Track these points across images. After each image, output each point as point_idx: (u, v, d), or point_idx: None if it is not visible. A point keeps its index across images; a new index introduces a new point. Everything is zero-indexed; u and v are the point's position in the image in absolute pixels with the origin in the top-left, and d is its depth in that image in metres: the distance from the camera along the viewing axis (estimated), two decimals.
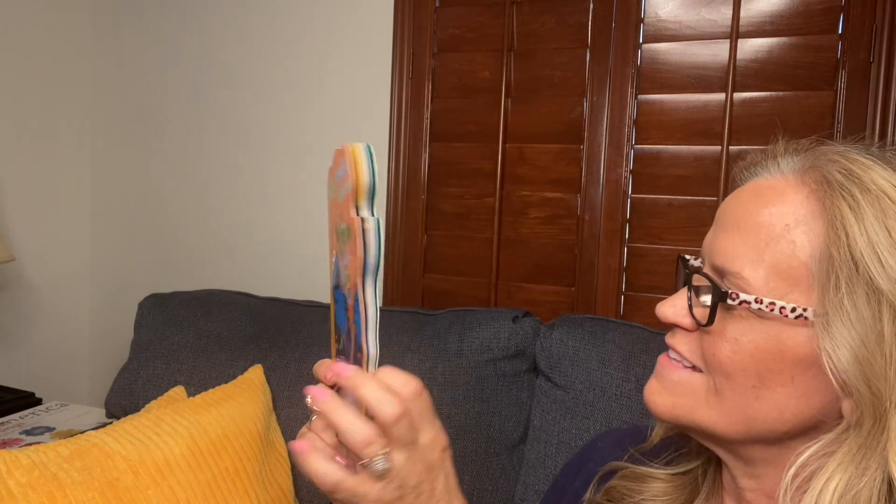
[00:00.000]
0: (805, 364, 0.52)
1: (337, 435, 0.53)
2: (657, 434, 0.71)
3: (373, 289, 0.53)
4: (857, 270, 0.48)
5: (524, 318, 1.35)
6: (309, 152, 1.85)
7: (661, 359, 0.61)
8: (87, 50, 2.08)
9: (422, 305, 1.74)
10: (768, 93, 1.44)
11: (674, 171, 1.52)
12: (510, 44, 1.64)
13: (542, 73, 1.62)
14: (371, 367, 0.54)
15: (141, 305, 1.62)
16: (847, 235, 0.48)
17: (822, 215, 0.51)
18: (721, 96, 1.47)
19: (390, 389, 0.52)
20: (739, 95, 1.46)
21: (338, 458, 0.54)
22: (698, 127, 1.49)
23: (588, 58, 1.57)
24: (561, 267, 1.62)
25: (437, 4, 1.70)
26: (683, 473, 0.67)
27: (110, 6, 2.06)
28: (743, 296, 0.53)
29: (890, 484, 0.48)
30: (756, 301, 0.52)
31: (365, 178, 0.53)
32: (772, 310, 0.52)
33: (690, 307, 0.57)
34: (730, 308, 0.54)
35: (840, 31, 1.39)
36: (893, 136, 1.36)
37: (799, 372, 0.52)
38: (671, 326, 0.60)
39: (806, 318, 0.51)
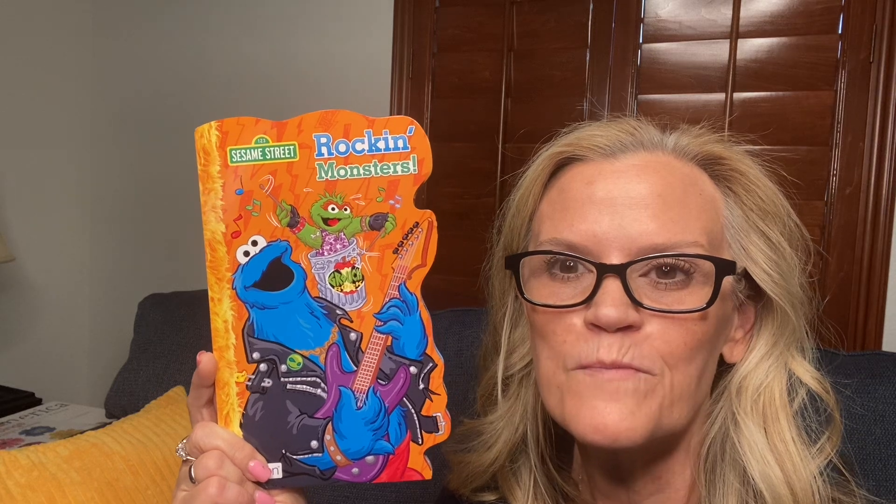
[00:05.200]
0: (730, 313, 0.56)
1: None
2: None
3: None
4: (761, 210, 0.56)
5: None
6: None
7: (603, 375, 0.51)
8: (87, 50, 2.07)
9: None
10: (768, 93, 1.44)
11: None
12: (510, 44, 1.64)
13: (542, 73, 1.61)
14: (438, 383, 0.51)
15: (141, 305, 1.62)
16: (744, 187, 0.56)
17: (711, 182, 0.57)
18: (721, 96, 1.47)
19: None
20: (739, 95, 1.46)
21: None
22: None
23: (588, 58, 1.57)
24: None
25: (437, 4, 1.69)
26: None
27: (110, 6, 2.06)
28: (740, 263, 0.54)
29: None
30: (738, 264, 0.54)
31: (432, 161, 0.50)
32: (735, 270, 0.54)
33: (636, 301, 0.51)
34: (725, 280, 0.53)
35: (840, 31, 1.38)
36: (893, 135, 1.35)
37: (726, 325, 0.56)
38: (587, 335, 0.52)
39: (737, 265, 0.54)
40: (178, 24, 1.97)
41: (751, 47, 1.45)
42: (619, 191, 0.53)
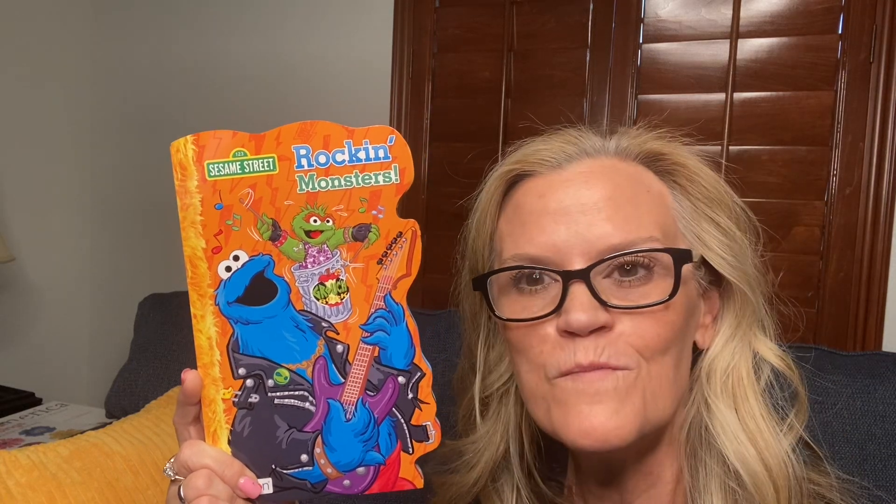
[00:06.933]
0: (695, 300, 0.57)
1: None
2: None
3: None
4: (707, 198, 0.57)
5: None
6: None
7: (582, 378, 0.52)
8: (87, 49, 2.08)
9: (422, 305, 1.73)
10: (768, 93, 1.44)
11: None
12: (510, 44, 1.64)
13: (542, 73, 1.61)
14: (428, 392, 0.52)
15: (141, 305, 1.62)
16: (688, 179, 0.58)
17: (656, 177, 0.58)
18: (721, 96, 1.47)
19: None
20: (739, 95, 1.46)
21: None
22: (698, 127, 1.49)
23: (588, 58, 1.57)
24: None
25: (437, 4, 1.69)
26: None
27: (111, 8, 2.06)
28: (696, 251, 0.56)
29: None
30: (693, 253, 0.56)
31: (413, 170, 0.50)
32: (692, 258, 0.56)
33: (603, 302, 0.52)
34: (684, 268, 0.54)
35: (840, 31, 1.39)
36: (893, 135, 1.36)
37: (693, 312, 0.57)
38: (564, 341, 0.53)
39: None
40: (179, 26, 1.97)
41: (751, 47, 1.45)
42: (571, 199, 0.55)
